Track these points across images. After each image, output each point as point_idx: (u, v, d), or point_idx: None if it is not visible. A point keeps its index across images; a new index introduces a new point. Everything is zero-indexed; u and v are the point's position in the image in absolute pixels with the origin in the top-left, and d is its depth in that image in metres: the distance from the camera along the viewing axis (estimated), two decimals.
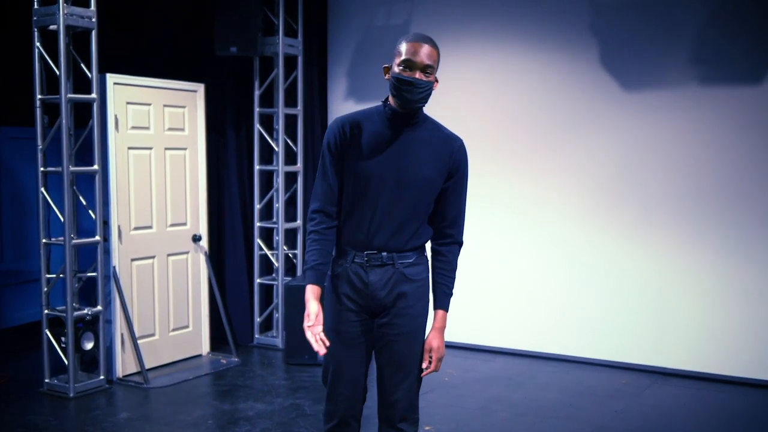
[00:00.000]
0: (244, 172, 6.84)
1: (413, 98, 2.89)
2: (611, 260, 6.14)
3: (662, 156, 5.92)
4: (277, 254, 6.78)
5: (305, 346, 6.08)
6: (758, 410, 5.24)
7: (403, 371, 3.06)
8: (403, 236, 3.00)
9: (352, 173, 2.98)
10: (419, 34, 2.95)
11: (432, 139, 3.02)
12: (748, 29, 5.58)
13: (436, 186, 3.03)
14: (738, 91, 5.66)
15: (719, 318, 5.75)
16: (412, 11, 6.79)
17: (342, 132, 2.99)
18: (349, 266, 3.02)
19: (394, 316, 3.03)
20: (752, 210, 5.64)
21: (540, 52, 6.32)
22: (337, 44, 7.14)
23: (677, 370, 5.89)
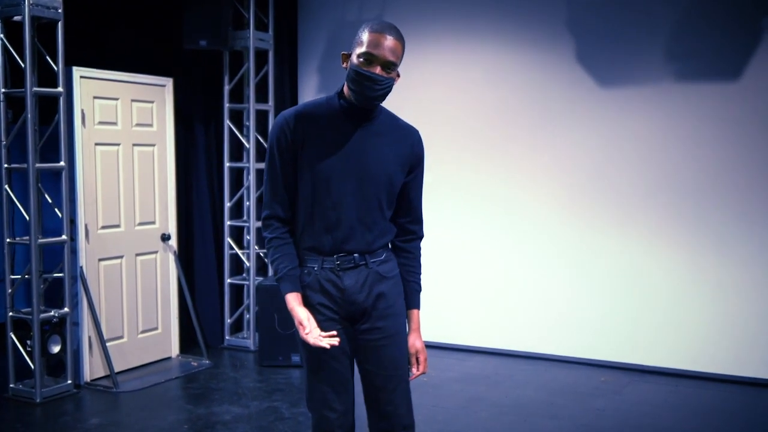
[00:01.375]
0: (213, 169, 6.67)
1: (371, 95, 2.67)
2: (586, 258, 6.10)
3: (638, 152, 5.89)
4: (248, 253, 6.63)
5: (279, 348, 5.99)
6: (737, 406, 5.23)
7: (396, 376, 2.87)
8: (372, 235, 2.81)
9: (309, 173, 2.74)
10: (383, 24, 2.68)
11: (391, 132, 2.83)
12: (723, 25, 5.58)
13: (398, 181, 2.84)
14: (713, 87, 5.65)
15: (695, 315, 5.74)
16: (385, 5, 6.68)
17: (292, 128, 2.73)
18: (320, 273, 2.78)
19: (376, 319, 2.82)
20: (728, 206, 5.64)
21: (516, 47, 6.25)
22: (307, 39, 7.00)
23: (654, 367, 5.87)
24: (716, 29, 5.60)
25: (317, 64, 6.98)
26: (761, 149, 5.53)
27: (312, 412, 2.88)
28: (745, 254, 5.59)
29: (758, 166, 5.54)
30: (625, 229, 5.95)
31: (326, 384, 2.81)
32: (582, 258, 6.10)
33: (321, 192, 2.74)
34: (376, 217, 2.81)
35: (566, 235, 6.15)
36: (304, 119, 2.75)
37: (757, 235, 5.55)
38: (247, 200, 6.72)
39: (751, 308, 5.57)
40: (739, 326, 5.61)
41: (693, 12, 5.67)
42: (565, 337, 6.17)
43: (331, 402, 2.81)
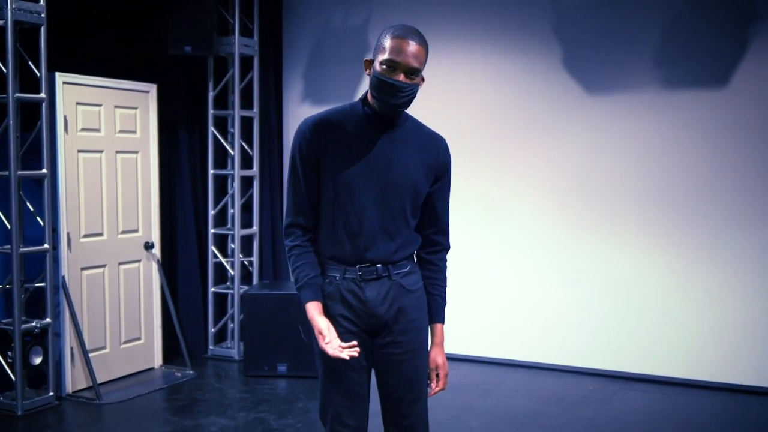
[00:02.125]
0: (197, 176, 6.58)
1: (395, 102, 2.60)
2: (572, 266, 6.08)
3: (627, 158, 5.89)
4: (233, 262, 6.54)
5: (265, 357, 5.91)
6: (727, 413, 5.22)
7: (415, 391, 2.81)
8: (395, 244, 2.73)
9: (332, 181, 2.67)
10: (406, 28, 2.63)
11: (416, 139, 2.77)
12: (710, 32, 5.58)
13: (423, 189, 2.77)
14: (700, 94, 5.65)
15: (684, 322, 5.73)
16: (372, 12, 6.64)
17: (315, 135, 2.66)
18: (341, 284, 2.71)
19: (398, 333, 2.75)
20: (717, 213, 5.64)
21: (503, 54, 6.23)
22: (292, 45, 6.94)
23: (642, 375, 5.85)
24: (703, 36, 5.60)
25: (302, 71, 6.92)
26: (748, 156, 5.54)
27: (325, 425, 2.81)
28: (734, 261, 5.59)
29: (746, 172, 5.55)
30: (614, 236, 5.94)
31: (341, 398, 2.75)
32: (568, 266, 6.08)
33: (343, 199, 2.68)
34: (400, 225, 2.74)
35: (553, 243, 6.13)
36: (327, 126, 2.68)
37: (746, 242, 5.55)
38: (231, 208, 6.64)
39: (740, 315, 5.57)
40: (727, 333, 5.61)
41: (680, 19, 5.67)
42: (551, 346, 6.14)
43: (345, 417, 2.75)
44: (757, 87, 5.50)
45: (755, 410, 5.26)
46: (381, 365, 2.80)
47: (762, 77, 5.47)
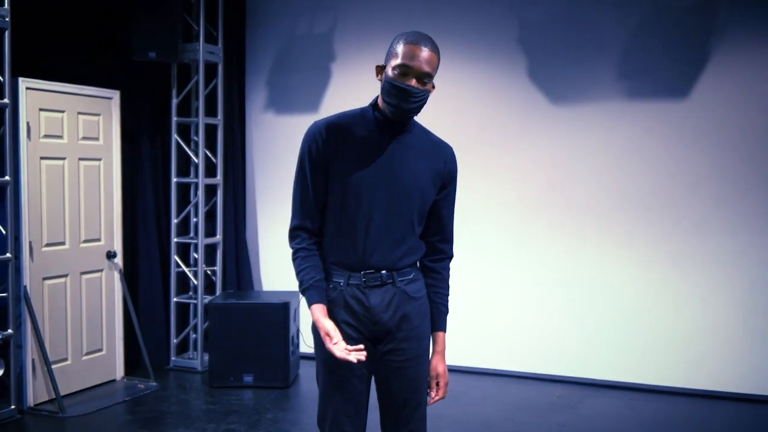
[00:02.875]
0: (159, 184, 6.47)
1: (407, 107, 2.61)
2: (537, 273, 6.14)
3: (591, 168, 5.97)
4: (196, 271, 6.45)
5: (230, 368, 5.83)
6: (693, 418, 5.31)
7: (415, 399, 2.80)
8: (400, 251, 2.73)
9: (340, 184, 2.67)
10: (418, 35, 2.65)
11: (424, 146, 2.77)
12: (672, 45, 5.70)
13: (430, 197, 2.78)
14: (663, 105, 5.77)
15: (648, 329, 5.83)
16: (337, 20, 6.63)
17: (325, 138, 2.67)
18: (345, 289, 2.70)
19: (401, 340, 2.75)
20: (681, 221, 5.75)
21: (468, 65, 6.27)
22: (256, 52, 6.88)
23: (608, 381, 5.93)
24: (665, 49, 5.73)
25: (266, 79, 6.87)
26: (709, 165, 5.67)
27: (322, 428, 2.80)
28: (697, 268, 5.71)
29: (708, 180, 5.67)
30: (579, 244, 6.02)
31: (341, 405, 2.74)
32: (533, 273, 6.14)
33: (350, 204, 2.67)
34: (406, 232, 2.74)
35: (518, 252, 6.18)
36: (337, 129, 2.68)
37: (709, 250, 5.67)
38: (194, 216, 6.55)
39: (704, 322, 5.68)
40: (692, 340, 5.72)
41: (642, 32, 5.79)
42: (517, 354, 6.18)
43: (344, 424, 2.74)
44: (717, 98, 5.63)
45: (720, 415, 5.37)
46: (382, 372, 2.79)
47: (721, 88, 5.61)
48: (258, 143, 6.92)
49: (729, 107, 5.60)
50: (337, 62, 6.62)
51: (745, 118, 5.57)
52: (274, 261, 6.92)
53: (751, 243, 5.56)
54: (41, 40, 5.53)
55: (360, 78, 6.52)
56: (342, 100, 6.53)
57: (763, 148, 5.53)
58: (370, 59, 6.44)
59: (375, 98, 2.73)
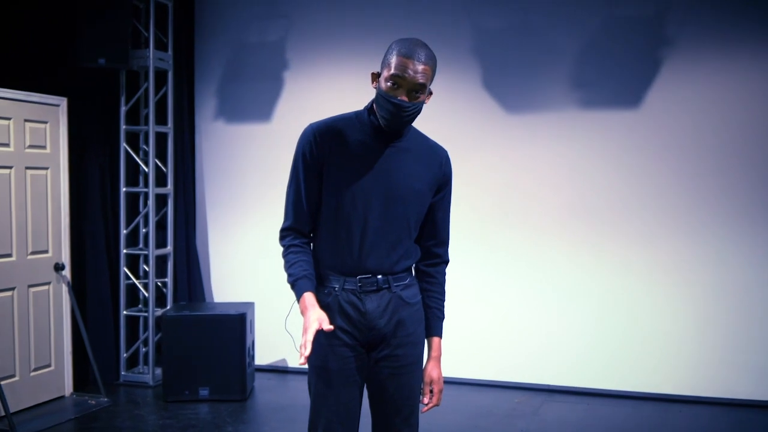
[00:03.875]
0: (107, 194, 6.29)
1: (398, 121, 2.59)
2: (491, 280, 6.17)
3: (546, 177, 6.03)
4: (146, 283, 6.29)
5: (185, 382, 5.69)
6: (651, 422, 5.40)
7: (409, 406, 2.77)
8: (396, 255, 2.70)
9: (335, 188, 2.64)
10: (414, 43, 2.58)
11: (420, 150, 2.74)
12: (624, 55, 5.81)
13: (426, 200, 2.75)
14: (616, 114, 5.87)
15: (604, 334, 5.90)
16: (289, 28, 6.56)
17: (321, 140, 2.63)
18: (340, 294, 2.66)
19: (396, 347, 2.71)
20: (631, 227, 5.85)
21: None
22: (205, 60, 6.76)
23: (564, 387, 5.98)
24: (618, 59, 5.83)
25: (216, 87, 6.75)
26: (661, 174, 5.78)
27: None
28: (650, 274, 5.81)
29: (660, 189, 5.79)
30: (534, 251, 6.06)
31: (333, 412, 2.68)
32: (487, 280, 6.16)
33: (346, 208, 2.63)
34: (402, 236, 2.71)
35: (470, 258, 6.19)
36: (332, 132, 2.64)
37: (660, 257, 5.78)
38: (144, 227, 6.40)
39: (658, 327, 5.78)
40: (648, 344, 5.80)
41: (596, 42, 5.89)
42: (474, 361, 6.19)
43: (340, 423, 2.69)
44: (668, 107, 5.76)
45: (675, 418, 5.46)
46: (376, 379, 2.74)
47: (672, 98, 5.74)
48: (208, 152, 6.80)
49: (680, 116, 5.73)
50: (291, 71, 6.55)
51: (695, 127, 5.70)
52: (225, 272, 6.80)
53: (703, 249, 5.69)
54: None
55: (314, 87, 6.49)
56: (296, 109, 6.51)
57: (712, 156, 5.67)
58: (324, 68, 6.50)
59: (371, 102, 2.70)
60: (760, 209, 5.57)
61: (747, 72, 5.58)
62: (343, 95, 6.39)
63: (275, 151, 6.58)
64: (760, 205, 5.58)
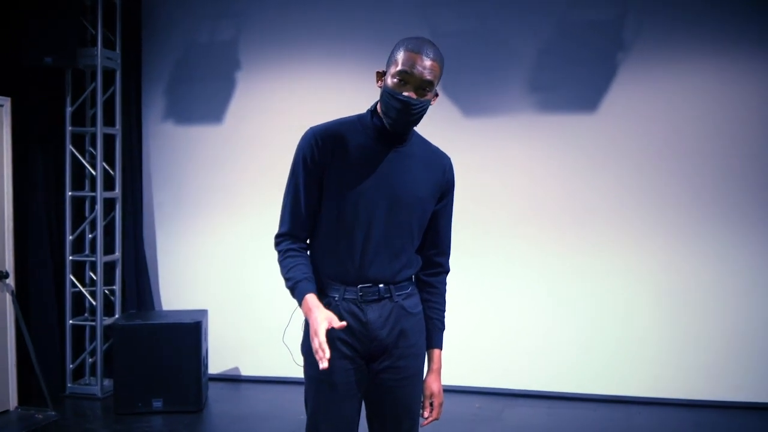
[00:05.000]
0: (51, 198, 6.02)
1: (405, 119, 2.49)
2: (449, 284, 6.11)
3: (503, 181, 6.02)
4: (94, 291, 6.04)
5: (138, 393, 5.49)
6: (612, 424, 5.43)
7: (409, 418, 2.69)
8: (399, 264, 2.61)
9: (338, 194, 2.54)
10: (421, 41, 2.51)
11: (423, 156, 2.66)
12: (581, 59, 5.84)
13: (429, 208, 2.67)
14: (573, 118, 5.90)
15: (563, 337, 5.92)
16: (241, 28, 6.39)
17: (322, 144, 2.53)
18: (341, 304, 2.56)
19: (397, 358, 2.62)
20: (585, 231, 5.88)
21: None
22: (153, 60, 6.54)
23: (525, 390, 5.97)
24: (573, 63, 5.86)
25: (164, 87, 6.54)
26: (617, 178, 5.83)
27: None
28: (606, 278, 5.85)
29: (615, 195, 5.84)
30: (488, 255, 6.04)
31: (333, 428, 2.59)
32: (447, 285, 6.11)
33: (348, 214, 2.53)
34: (405, 244, 2.62)
35: None
36: (334, 137, 2.54)
37: (615, 261, 5.83)
38: (90, 233, 6.16)
39: (618, 328, 5.82)
40: (606, 347, 5.84)
41: (553, 46, 5.90)
42: None
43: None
44: (624, 111, 5.81)
45: (636, 419, 5.51)
46: (375, 392, 2.66)
47: (628, 103, 5.80)
48: (156, 155, 6.58)
49: (636, 120, 5.79)
50: (243, 71, 6.39)
51: (651, 131, 5.77)
52: (173, 279, 6.58)
53: (663, 251, 5.76)
54: None
55: (267, 87, 6.35)
56: (249, 111, 6.37)
57: (667, 159, 5.74)
58: (278, 68, 6.36)
59: (374, 104, 2.61)
60: (722, 210, 5.67)
61: (702, 76, 5.68)
62: (297, 96, 6.30)
63: (227, 154, 6.44)
64: (722, 206, 5.68)
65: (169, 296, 6.57)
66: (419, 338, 2.72)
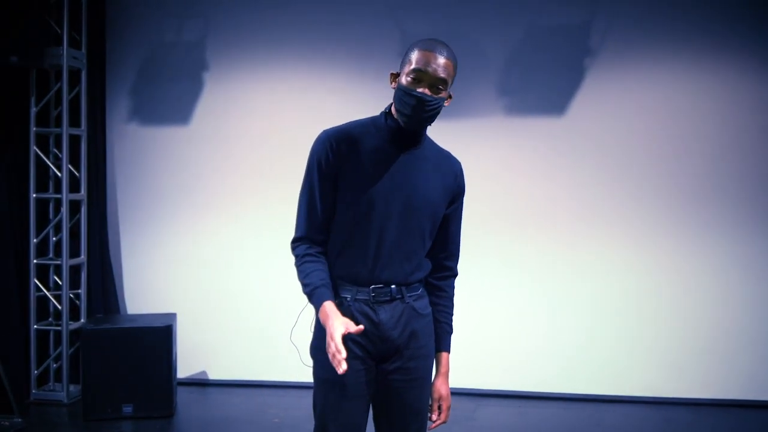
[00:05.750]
0: (15, 201, 5.88)
1: (420, 116, 2.52)
2: None
3: (472, 184, 6.02)
4: (59, 295, 5.92)
5: (107, 399, 5.41)
6: (584, 422, 5.52)
7: (418, 420, 2.71)
8: (411, 266, 2.64)
9: (352, 197, 2.56)
10: (434, 41, 2.56)
11: (435, 159, 2.70)
12: (550, 62, 5.92)
13: (441, 211, 2.71)
14: (542, 122, 5.97)
15: (520, 337, 6.01)
16: (208, 28, 6.32)
17: (336, 147, 2.56)
18: (353, 305, 2.57)
19: (408, 359, 2.64)
20: (554, 232, 5.96)
21: (347, 78, 6.18)
22: (118, 59, 6.41)
23: (495, 390, 6.03)
24: (543, 67, 5.93)
25: (130, 87, 6.43)
26: (584, 180, 5.92)
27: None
28: (566, 277, 5.95)
29: (581, 198, 5.93)
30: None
31: (340, 427, 2.60)
32: None
33: (363, 217, 2.55)
34: (417, 247, 2.64)
35: None
36: (348, 139, 2.56)
37: (577, 261, 5.94)
38: (54, 236, 6.04)
39: (584, 328, 5.93)
40: (567, 344, 5.94)
41: (521, 50, 5.96)
42: None
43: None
44: (591, 115, 5.91)
45: (606, 418, 5.61)
46: (384, 393, 2.67)
47: (595, 107, 5.89)
48: (121, 156, 6.47)
49: (603, 124, 5.89)
50: (210, 72, 6.32)
51: (619, 135, 5.87)
52: (138, 283, 6.47)
53: (632, 251, 5.88)
54: None
55: (235, 88, 6.30)
56: (216, 112, 6.32)
57: (635, 162, 5.86)
58: (246, 69, 6.30)
59: (387, 107, 2.63)
60: (688, 213, 5.82)
61: (668, 81, 5.81)
62: (265, 97, 6.26)
63: (194, 155, 6.37)
64: (688, 209, 5.82)
65: (134, 300, 6.46)
66: (429, 340, 2.74)
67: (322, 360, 2.51)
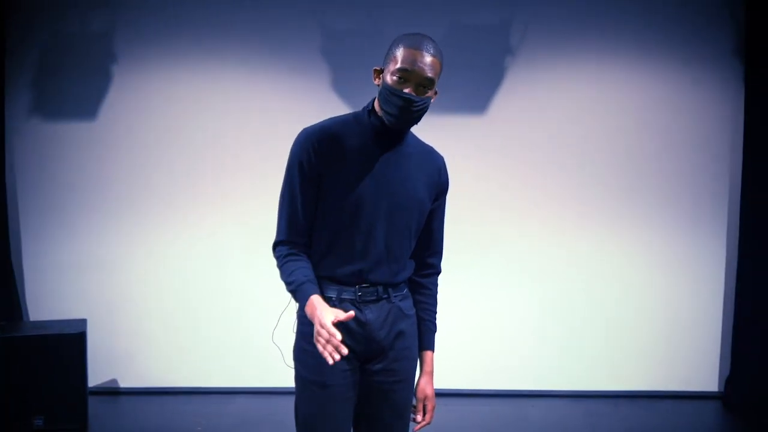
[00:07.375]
0: None
1: (406, 117, 2.47)
2: None
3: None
4: None
5: (16, 411, 5.13)
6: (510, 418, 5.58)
7: (401, 424, 2.65)
8: (398, 266, 2.58)
9: (337, 197, 2.47)
10: (420, 37, 2.48)
11: (419, 156, 2.64)
12: (469, 63, 5.92)
13: (426, 209, 2.64)
14: (463, 120, 5.97)
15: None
16: (115, 19, 5.99)
17: (318, 148, 2.46)
18: (338, 305, 2.47)
19: (392, 360, 2.58)
20: (477, 231, 5.99)
21: (266, 71, 6.00)
22: (16, 49, 6.00)
23: (453, 390, 5.95)
24: (464, 65, 5.91)
25: (30, 80, 6.02)
26: (504, 178, 5.99)
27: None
28: (501, 275, 6.02)
29: (501, 195, 5.99)
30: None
31: (327, 429, 2.51)
32: None
33: (348, 218, 2.46)
34: (404, 246, 2.58)
35: None
36: (330, 138, 2.47)
37: (507, 259, 6.01)
38: None
39: (524, 326, 6.02)
40: (498, 342, 6.01)
41: (443, 48, 5.92)
42: None
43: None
44: (511, 115, 5.96)
45: (530, 413, 5.69)
46: (368, 394, 2.59)
47: (514, 106, 5.94)
48: (21, 152, 6.05)
49: (523, 122, 5.96)
50: (119, 65, 6.01)
51: (538, 133, 5.96)
52: (40, 287, 6.09)
53: (547, 252, 6.00)
54: None
55: (145, 82, 6.03)
56: (125, 107, 6.03)
57: (553, 161, 5.96)
58: (157, 62, 6.04)
59: (370, 102, 2.54)
60: (606, 210, 5.97)
61: (586, 81, 5.93)
62: (175, 93, 6.01)
63: (101, 152, 6.05)
64: (607, 206, 5.97)
65: (37, 306, 6.08)
66: (413, 341, 2.69)
67: (307, 360, 2.45)
